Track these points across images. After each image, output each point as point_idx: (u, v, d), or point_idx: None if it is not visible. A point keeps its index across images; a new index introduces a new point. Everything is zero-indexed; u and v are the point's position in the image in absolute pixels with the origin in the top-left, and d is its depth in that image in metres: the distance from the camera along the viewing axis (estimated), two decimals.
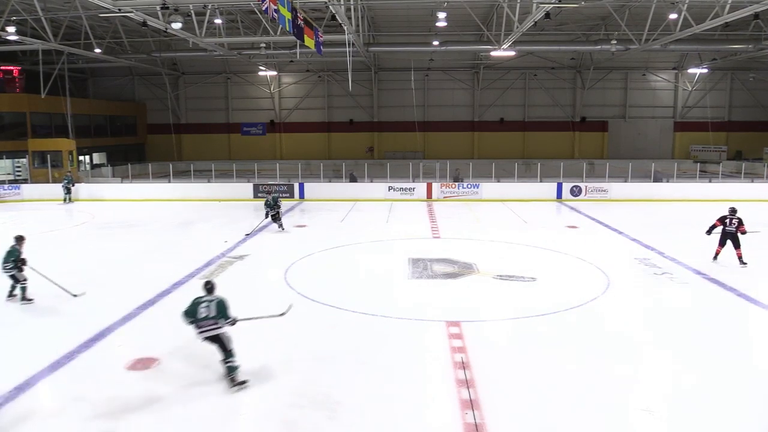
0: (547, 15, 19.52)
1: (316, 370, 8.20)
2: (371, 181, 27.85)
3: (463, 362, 8.33)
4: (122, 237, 18.30)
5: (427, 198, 26.43)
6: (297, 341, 9.25)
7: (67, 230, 19.83)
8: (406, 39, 32.83)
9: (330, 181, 28.51)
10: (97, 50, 28.97)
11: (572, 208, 24.06)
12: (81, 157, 33.50)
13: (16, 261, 11.08)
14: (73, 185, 26.27)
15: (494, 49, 28.06)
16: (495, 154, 38.87)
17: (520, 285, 12.42)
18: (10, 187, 27.77)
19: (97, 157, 37.79)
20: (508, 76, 40.43)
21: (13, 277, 11.19)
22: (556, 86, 40.85)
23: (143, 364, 8.35)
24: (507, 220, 21.39)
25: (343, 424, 6.81)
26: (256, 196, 26.37)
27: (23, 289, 11.25)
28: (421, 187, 26.71)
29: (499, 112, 41.25)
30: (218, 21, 24.64)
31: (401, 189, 26.66)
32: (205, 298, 7.60)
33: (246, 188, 27.16)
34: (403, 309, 10.72)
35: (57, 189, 26.59)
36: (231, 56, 31.91)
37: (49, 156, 29.99)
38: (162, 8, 19.39)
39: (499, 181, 27.71)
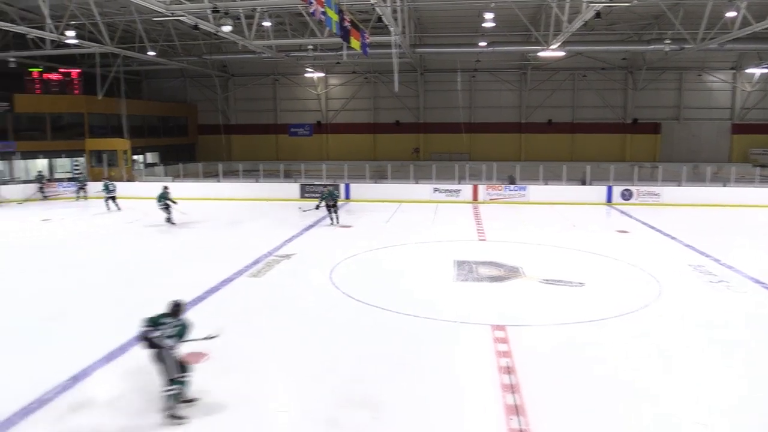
0: (598, 14, 19.07)
1: (359, 370, 8.24)
2: (416, 183, 27.80)
3: (508, 367, 8.23)
4: (173, 234, 18.79)
5: (473, 200, 26.23)
6: (341, 341, 9.31)
7: (122, 226, 20.47)
8: (453, 40, 32.66)
9: (376, 182, 28.59)
10: (151, 53, 29.86)
11: (623, 212, 23.46)
12: (135, 157, 34.55)
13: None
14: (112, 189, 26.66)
15: (542, 50, 27.61)
16: (542, 156, 38.27)
17: (568, 290, 12.18)
18: (68, 185, 29.01)
19: (150, 157, 38.93)
20: (557, 76, 39.73)
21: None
22: (607, 87, 39.91)
23: (193, 358, 8.52)
24: (554, 223, 21.02)
25: (386, 424, 6.82)
26: (302, 197, 26.70)
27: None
28: (466, 189, 26.53)
29: (547, 113, 40.58)
30: (267, 24, 25.06)
31: (447, 190, 26.54)
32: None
33: (293, 188, 27.53)
34: (448, 311, 10.66)
35: (123, 188, 27.64)
36: (279, 58, 32.38)
37: (105, 155, 31.12)
38: (213, 11, 19.83)
39: (546, 184, 27.25)
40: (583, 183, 27.09)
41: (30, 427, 6.72)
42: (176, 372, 6.84)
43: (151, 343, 6.78)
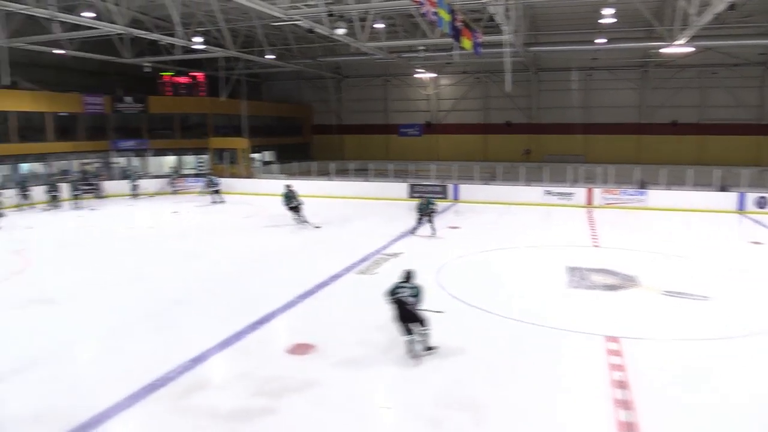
0: (732, 6, 17.58)
1: (464, 372, 8.14)
2: (527, 185, 27.08)
3: (621, 381, 7.78)
4: (287, 229, 19.57)
5: (587, 204, 25.12)
6: (446, 342, 9.24)
7: (240, 220, 21.63)
8: (568, 38, 31.43)
9: (485, 184, 28.17)
10: (270, 56, 31.29)
11: (756, 222, 21.50)
12: (253, 155, 36.39)
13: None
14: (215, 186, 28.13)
15: (667, 46, 25.89)
16: (664, 159, 35.89)
17: (690, 303, 11.33)
18: (195, 180, 31.18)
19: (267, 155, 40.83)
20: (682, 74, 37.07)
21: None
22: (740, 85, 36.68)
23: (302, 349, 8.84)
24: (677, 231, 19.68)
25: (488, 429, 6.68)
26: (410, 196, 26.88)
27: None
28: (580, 192, 25.46)
29: (671, 113, 38.00)
30: (379, 26, 25.46)
31: (559, 193, 25.63)
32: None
33: (401, 188, 27.79)
34: (557, 319, 10.27)
35: (233, 183, 29.24)
36: (390, 59, 32.79)
37: (226, 153, 33.10)
38: (328, 15, 20.44)
39: (669, 189, 25.54)
40: (723, 189, 24.82)
41: (154, 402, 7.26)
42: (420, 325, 8.50)
43: (399, 303, 8.48)
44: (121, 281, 13.12)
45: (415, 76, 40.50)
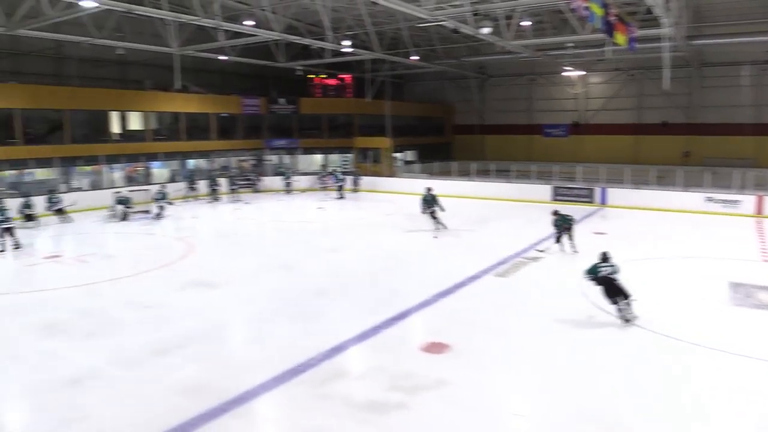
0: None
1: (609, 388, 7.66)
2: (685, 190, 24.90)
3: None
4: (426, 229, 19.69)
5: (756, 213, 22.55)
6: (586, 353, 8.78)
7: (382, 218, 22.17)
8: (738, 29, 28.44)
9: (636, 188, 26.31)
10: (414, 57, 31.71)
11: None
12: (396, 154, 37.14)
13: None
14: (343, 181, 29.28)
15: None
16: None
17: None
18: (337, 179, 32.49)
19: (409, 155, 41.47)
20: None
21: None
22: None
23: (437, 348, 8.84)
24: None
25: None
26: (554, 199, 25.91)
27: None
28: (748, 201, 22.93)
29: None
30: (525, 23, 24.77)
31: (723, 201, 23.26)
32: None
33: (544, 190, 26.85)
34: (718, 339, 9.28)
35: (377, 181, 30.12)
36: (536, 58, 31.81)
37: (370, 152, 34.14)
38: (473, 15, 20.26)
39: None
40: None
41: (295, 386, 7.66)
42: (624, 298, 9.80)
43: (605, 280, 9.86)
44: (270, 270, 14.03)
45: (563, 74, 38.92)
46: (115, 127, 29.63)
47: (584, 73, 38.73)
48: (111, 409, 7.13)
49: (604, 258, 10.20)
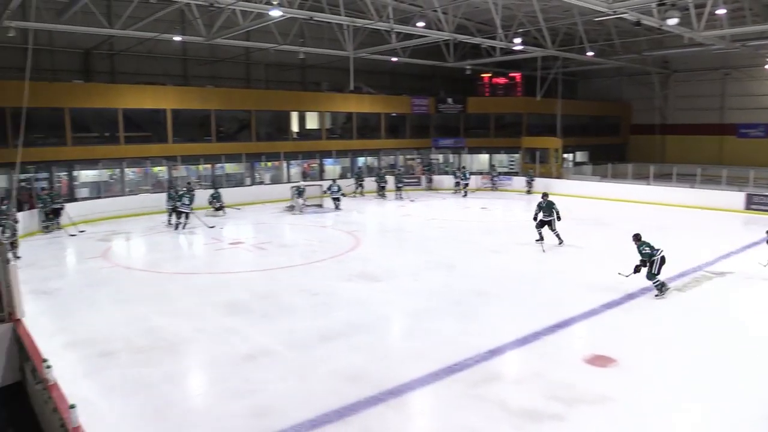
0: None
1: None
2: None
3: None
4: (594, 233, 18.69)
5: None
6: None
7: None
8: None
9: None
10: (590, 53, 30.12)
11: None
12: (565, 155, 35.66)
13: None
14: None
15: None
16: None
17: None
18: (503, 178, 32.03)
19: (579, 156, 39.59)
20: None
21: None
22: None
23: (601, 361, 8.33)
24: None
25: None
26: (747, 208, 23.13)
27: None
28: None
29: None
30: (721, 11, 22.29)
31: None
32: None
33: (736, 198, 23.93)
34: None
35: (548, 183, 29.20)
36: (732, 49, 28.56)
37: (538, 153, 33.11)
38: (658, 5, 18.72)
39: None
40: None
41: (450, 384, 7.67)
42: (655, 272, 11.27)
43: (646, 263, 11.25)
44: (432, 267, 14.22)
45: (765, 67, 34.54)
46: (294, 126, 31.95)
47: None
48: (278, 385, 7.70)
49: (637, 239, 11.78)
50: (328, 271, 14.05)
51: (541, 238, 16.62)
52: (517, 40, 26.00)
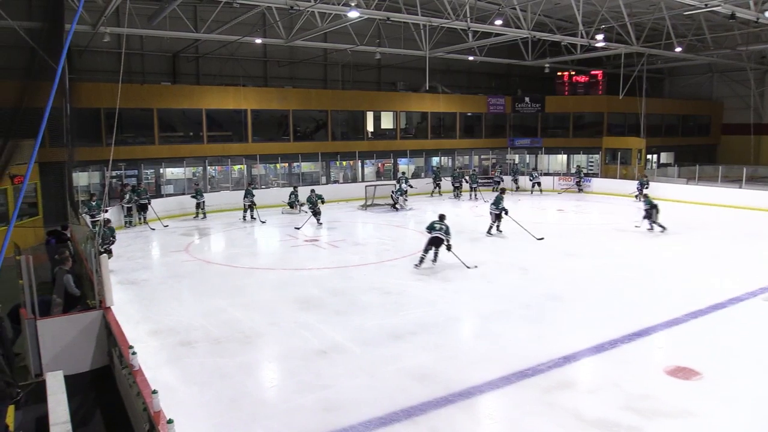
0: None
1: None
2: None
3: None
4: (679, 239, 17.78)
5: None
6: None
7: (624, 223, 20.47)
8: None
9: None
10: (678, 49, 28.67)
11: None
12: (649, 156, 34.13)
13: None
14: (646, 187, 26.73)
15: None
16: None
17: None
18: (583, 180, 30.96)
19: (664, 157, 37.77)
20: None
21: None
22: None
23: (684, 373, 7.91)
24: None
25: None
26: None
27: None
28: None
29: None
30: None
31: None
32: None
33: None
34: None
35: (625, 185, 28.07)
36: None
37: (619, 153, 31.85)
38: None
39: None
40: None
41: (522, 389, 7.51)
42: None
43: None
44: (506, 269, 13.99)
45: None
46: (369, 126, 32.24)
47: None
48: (347, 381, 7.79)
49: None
50: (399, 270, 14.07)
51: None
52: (600, 37, 25.11)
